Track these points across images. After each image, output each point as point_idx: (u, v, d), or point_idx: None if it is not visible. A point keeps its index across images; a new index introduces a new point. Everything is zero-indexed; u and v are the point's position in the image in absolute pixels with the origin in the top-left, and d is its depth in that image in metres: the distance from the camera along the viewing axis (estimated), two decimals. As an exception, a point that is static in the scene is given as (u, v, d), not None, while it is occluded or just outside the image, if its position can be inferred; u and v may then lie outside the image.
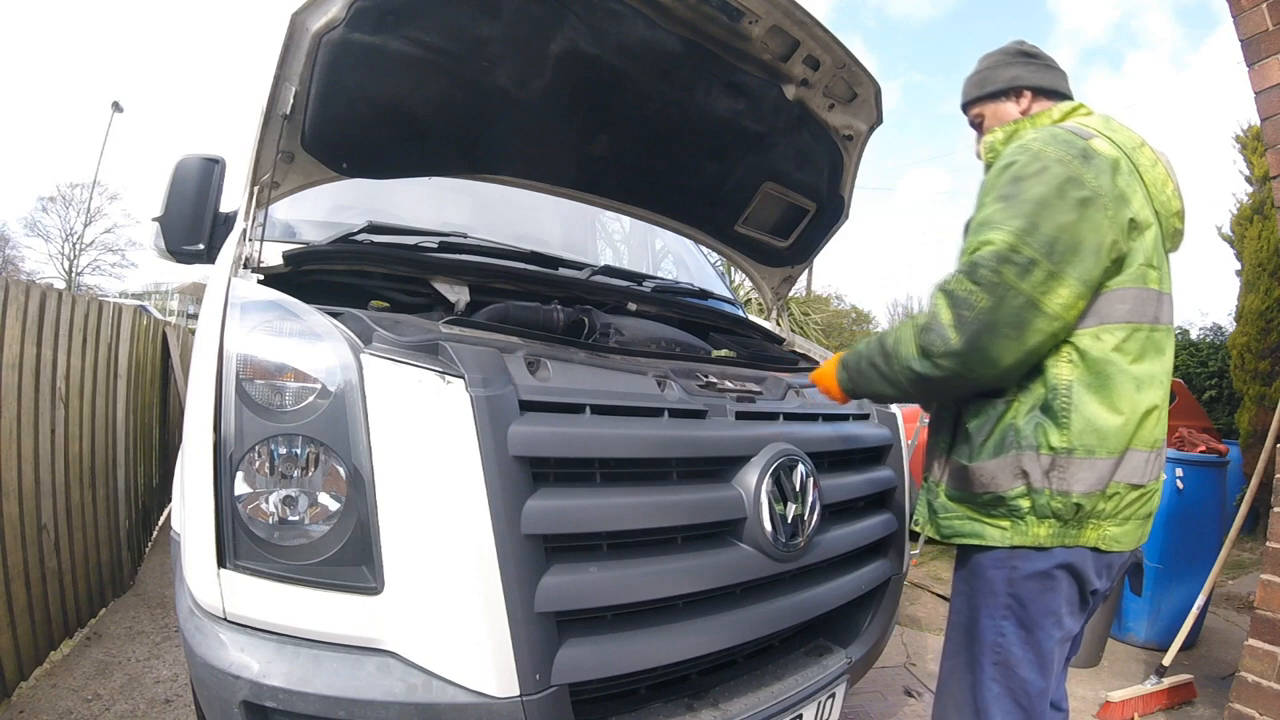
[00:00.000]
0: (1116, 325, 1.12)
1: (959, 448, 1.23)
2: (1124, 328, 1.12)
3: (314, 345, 1.04)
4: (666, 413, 1.25)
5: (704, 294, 2.27)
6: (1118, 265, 1.11)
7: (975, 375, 1.10)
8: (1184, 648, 2.54)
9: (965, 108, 1.42)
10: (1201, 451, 3.06)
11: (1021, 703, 1.17)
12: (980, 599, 1.22)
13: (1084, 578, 1.16)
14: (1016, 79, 1.32)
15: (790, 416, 1.47)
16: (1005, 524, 1.17)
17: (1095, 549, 1.15)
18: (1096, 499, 1.12)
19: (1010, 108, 1.33)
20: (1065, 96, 1.33)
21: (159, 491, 3.90)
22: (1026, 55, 1.34)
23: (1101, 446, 1.11)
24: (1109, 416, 1.11)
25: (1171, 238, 1.25)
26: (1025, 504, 1.14)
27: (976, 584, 1.23)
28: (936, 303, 1.10)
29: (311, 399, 1.01)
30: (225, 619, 0.99)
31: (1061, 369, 1.12)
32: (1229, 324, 5.75)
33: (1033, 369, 1.14)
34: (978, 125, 1.40)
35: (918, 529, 1.40)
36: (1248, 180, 5.42)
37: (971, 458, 1.19)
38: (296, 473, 1.01)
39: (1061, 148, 1.11)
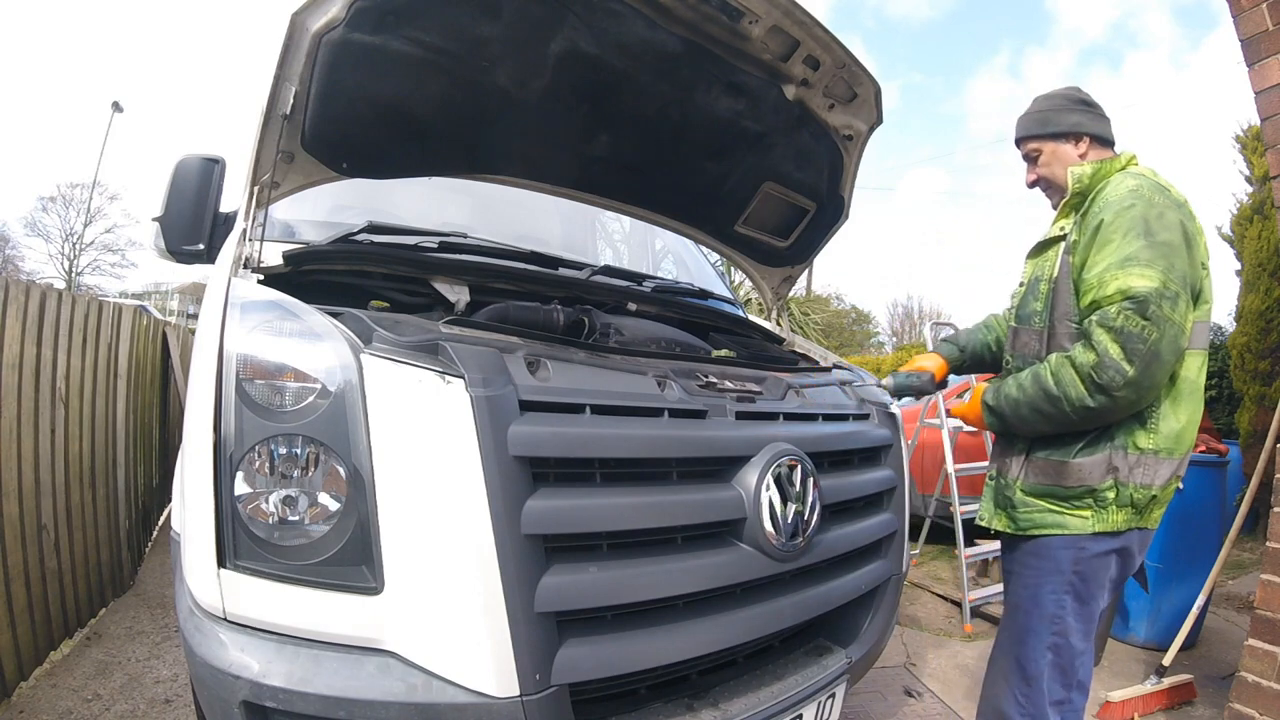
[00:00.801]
0: (1198, 351, 1.34)
1: (1044, 448, 1.41)
2: (1201, 354, 1.35)
3: (314, 345, 1.04)
4: (666, 413, 1.25)
5: (704, 294, 2.26)
6: (1196, 299, 1.32)
7: (1142, 400, 1.29)
8: (1184, 648, 2.54)
9: (1022, 141, 1.56)
10: (1201, 451, 3.06)
11: (1065, 666, 1.37)
12: (1045, 577, 1.40)
13: (1133, 555, 1.39)
14: (1079, 125, 1.48)
15: (790, 416, 1.47)
16: (1087, 513, 1.36)
17: (1146, 529, 1.38)
18: (1166, 490, 1.36)
19: (1070, 150, 1.48)
20: (1113, 144, 1.51)
21: (159, 491, 3.90)
22: (1086, 104, 1.50)
23: (1177, 449, 1.35)
24: (1184, 426, 1.34)
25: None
26: (1111, 495, 1.34)
27: (1042, 564, 1.40)
28: (1103, 341, 1.26)
29: (311, 399, 1.01)
30: (225, 619, 0.99)
31: None
32: (1229, 324, 5.75)
33: None
34: (1033, 159, 1.54)
35: (983, 523, 1.55)
36: (1248, 180, 5.42)
37: (1072, 454, 1.37)
38: (296, 473, 1.01)
39: (1166, 196, 1.32)
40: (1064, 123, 1.49)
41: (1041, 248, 1.51)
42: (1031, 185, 1.57)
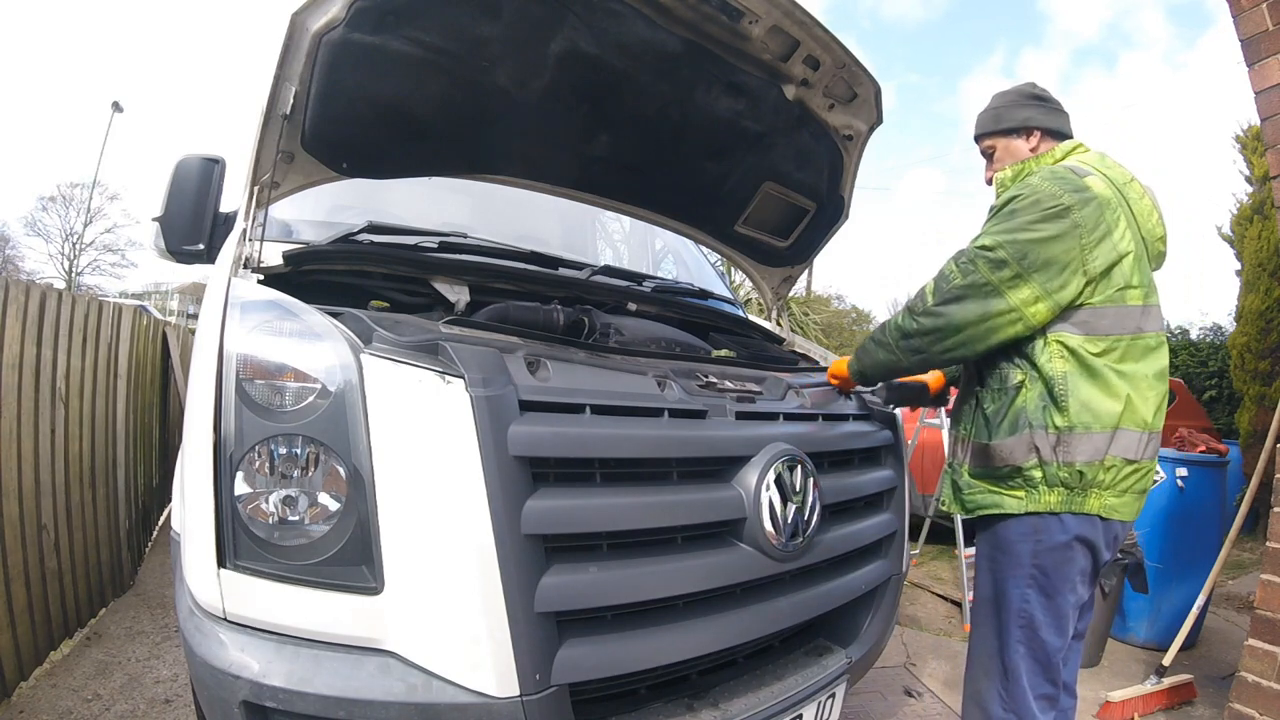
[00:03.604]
0: (1099, 337, 1.34)
1: (979, 431, 1.45)
2: (1105, 339, 1.35)
3: (314, 345, 1.04)
4: (666, 413, 1.25)
5: (704, 294, 2.26)
6: (1092, 287, 1.33)
7: (944, 335, 1.35)
8: (1184, 648, 2.54)
9: (978, 139, 1.59)
10: (1201, 451, 3.06)
11: (1041, 660, 1.37)
12: (1007, 570, 1.41)
13: (1096, 548, 1.37)
14: (1029, 120, 1.51)
15: (790, 416, 1.47)
16: (1020, 493, 1.38)
17: (1100, 517, 1.35)
18: (1096, 469, 1.33)
19: (1021, 145, 1.52)
20: (1068, 137, 1.51)
21: (159, 491, 3.90)
22: (1038, 99, 1.53)
23: (1096, 423, 1.33)
24: (1101, 400, 1.33)
25: (1156, 259, 1.48)
26: (1038, 474, 1.36)
27: (1003, 558, 1.42)
28: (926, 282, 1.40)
29: (311, 399, 1.01)
30: (225, 619, 0.99)
31: (1056, 364, 1.34)
32: (1229, 324, 5.75)
33: (1035, 366, 1.36)
34: (989, 155, 1.58)
35: (944, 508, 1.58)
36: (1248, 180, 5.42)
37: (991, 437, 1.41)
38: (296, 473, 1.01)
39: (1058, 184, 1.33)
40: (1015, 118, 1.52)
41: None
42: (989, 182, 1.59)
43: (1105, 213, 1.33)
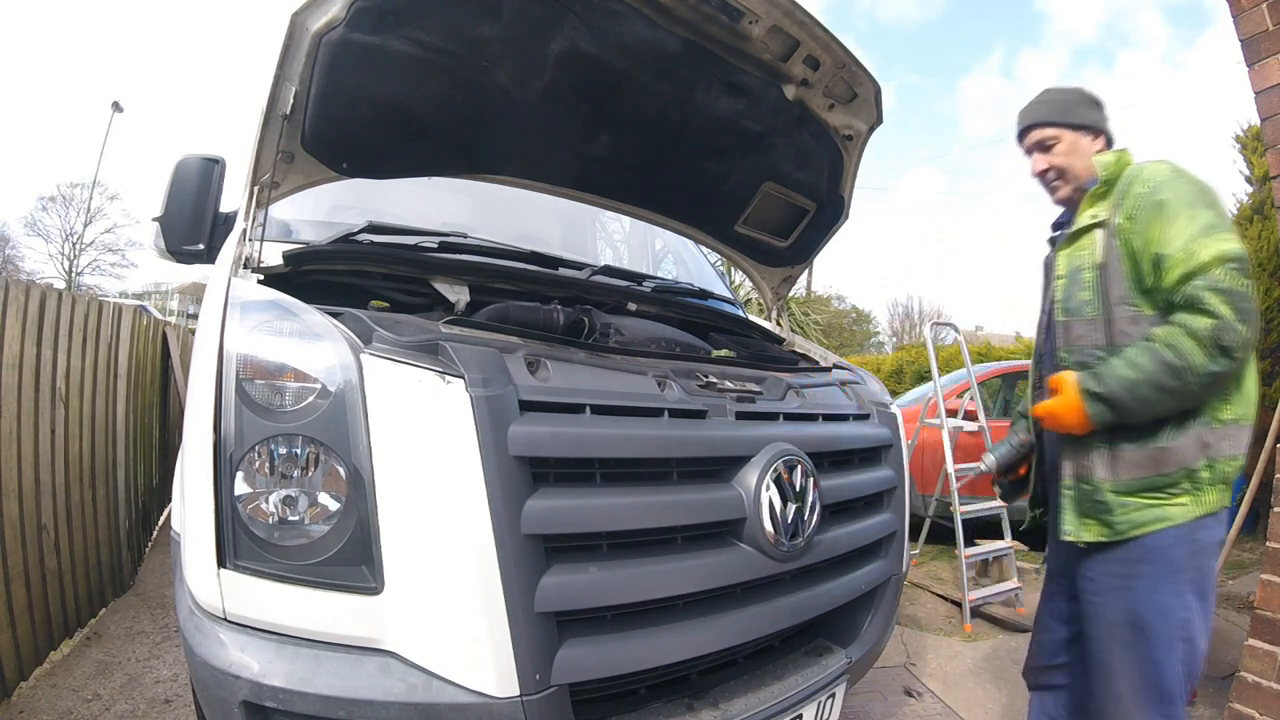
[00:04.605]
0: None
1: (1132, 440, 1.33)
2: None
3: (314, 345, 1.04)
4: (666, 413, 1.25)
5: (704, 294, 2.26)
6: None
7: (1245, 363, 1.27)
8: (1184, 648, 2.53)
9: (1038, 126, 1.52)
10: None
11: (1194, 674, 1.30)
12: (1163, 581, 1.30)
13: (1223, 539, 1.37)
14: (1099, 122, 1.51)
15: (790, 416, 1.47)
16: (1185, 500, 1.30)
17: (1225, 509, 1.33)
18: (1238, 461, 1.31)
19: (1088, 143, 1.50)
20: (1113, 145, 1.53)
21: (159, 491, 3.90)
22: (1099, 104, 1.53)
23: (1249, 414, 1.32)
24: (1252, 388, 1.32)
25: None
26: (1206, 474, 1.29)
27: (1153, 568, 1.31)
28: (1215, 304, 1.22)
29: (311, 399, 1.01)
30: (225, 619, 0.99)
31: None
32: (1229, 324, 5.76)
33: None
34: (1048, 147, 1.51)
35: (1069, 539, 1.41)
36: (1248, 180, 5.41)
37: (1161, 440, 1.31)
38: (296, 473, 1.01)
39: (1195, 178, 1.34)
40: (1087, 117, 1.50)
41: (1073, 238, 1.47)
42: (1042, 173, 1.53)
43: None
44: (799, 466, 1.32)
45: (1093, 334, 1.40)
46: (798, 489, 1.31)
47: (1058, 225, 1.61)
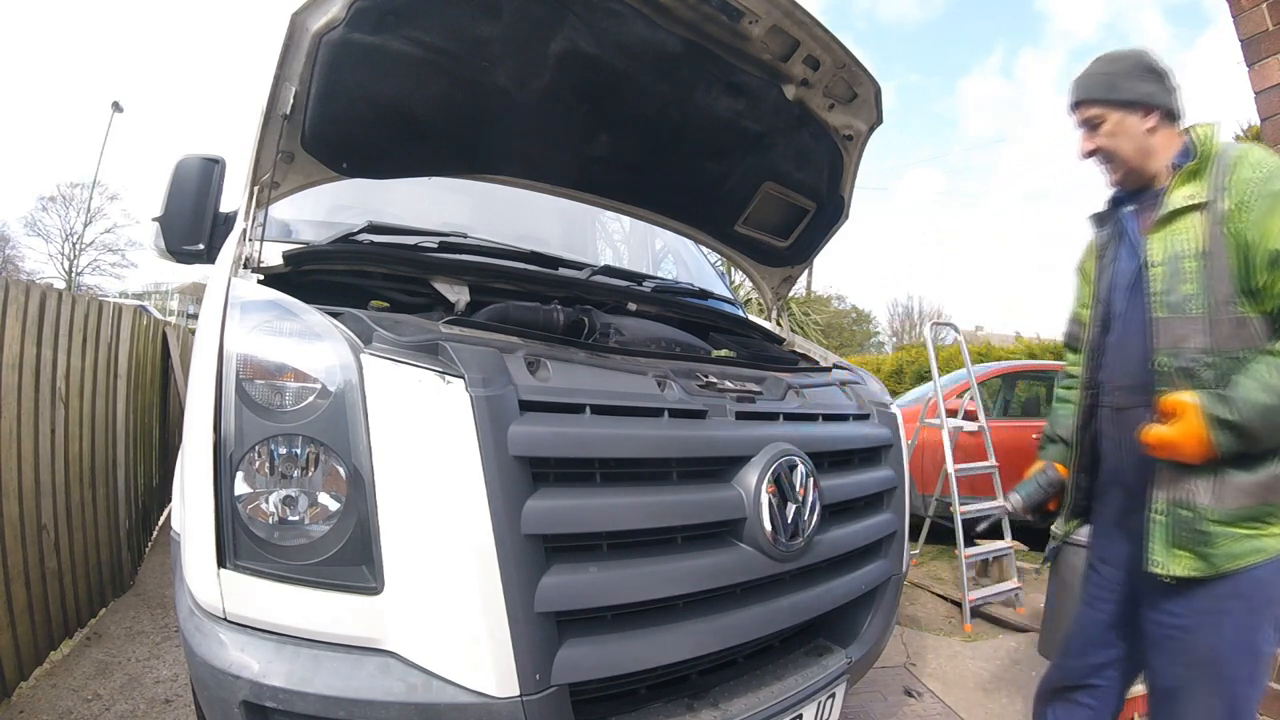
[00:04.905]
0: None
1: (1243, 465, 1.18)
2: None
3: (314, 345, 1.04)
4: (666, 413, 1.25)
5: (704, 294, 2.26)
6: None
7: None
8: (1184, 648, 2.53)
9: (1083, 105, 1.36)
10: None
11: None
12: (1253, 617, 1.20)
13: None
14: (1151, 96, 1.30)
15: (790, 416, 1.47)
16: (1278, 528, 1.18)
17: None
18: None
19: (1136, 123, 1.31)
20: (1180, 119, 1.33)
21: (159, 491, 3.90)
22: (1156, 73, 1.32)
23: None
24: None
25: None
26: None
27: (1245, 604, 1.19)
28: None
29: (311, 399, 1.01)
30: (225, 619, 0.99)
31: None
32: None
33: None
34: (1094, 126, 1.35)
35: (1157, 570, 1.24)
36: (1248, 180, 5.42)
37: (1274, 466, 1.18)
38: (296, 473, 1.01)
39: None
40: (1135, 91, 1.30)
41: (1167, 219, 1.27)
42: (1089, 155, 1.37)
43: None
44: (799, 466, 1.32)
45: (1197, 335, 1.22)
46: (798, 489, 1.31)
47: (1116, 201, 1.43)
